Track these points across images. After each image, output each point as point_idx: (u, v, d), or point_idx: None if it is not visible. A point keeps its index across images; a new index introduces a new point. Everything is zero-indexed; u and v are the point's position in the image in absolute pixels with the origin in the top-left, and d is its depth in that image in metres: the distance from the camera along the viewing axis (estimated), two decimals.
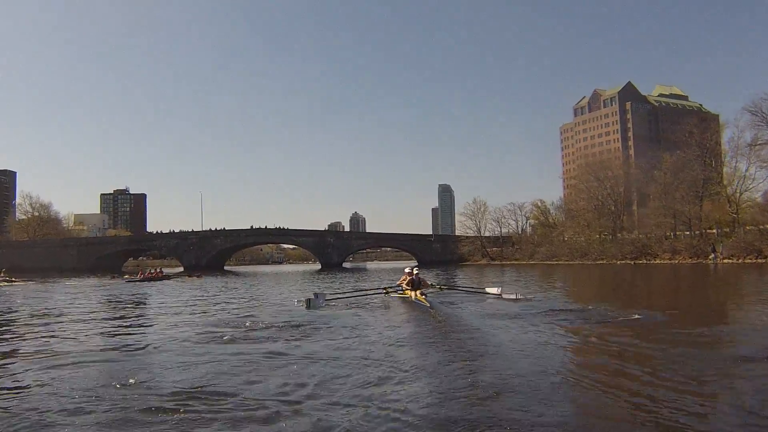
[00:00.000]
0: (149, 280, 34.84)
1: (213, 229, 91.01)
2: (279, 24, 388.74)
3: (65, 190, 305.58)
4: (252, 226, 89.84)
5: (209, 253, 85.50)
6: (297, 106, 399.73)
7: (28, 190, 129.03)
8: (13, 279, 35.27)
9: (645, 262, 54.36)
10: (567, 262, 62.22)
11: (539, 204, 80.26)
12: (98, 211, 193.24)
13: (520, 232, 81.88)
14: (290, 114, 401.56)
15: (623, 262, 56.11)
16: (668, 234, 58.08)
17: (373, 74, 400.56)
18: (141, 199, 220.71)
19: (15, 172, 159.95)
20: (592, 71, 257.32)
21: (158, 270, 40.00)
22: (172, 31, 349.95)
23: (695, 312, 14.17)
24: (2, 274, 35.99)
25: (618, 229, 66.06)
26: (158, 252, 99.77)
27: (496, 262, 72.96)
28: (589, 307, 12.95)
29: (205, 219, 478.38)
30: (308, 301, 14.74)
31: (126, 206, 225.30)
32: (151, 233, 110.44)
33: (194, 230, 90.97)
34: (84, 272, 58.80)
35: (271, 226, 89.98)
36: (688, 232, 55.86)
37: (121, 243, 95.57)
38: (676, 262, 51.29)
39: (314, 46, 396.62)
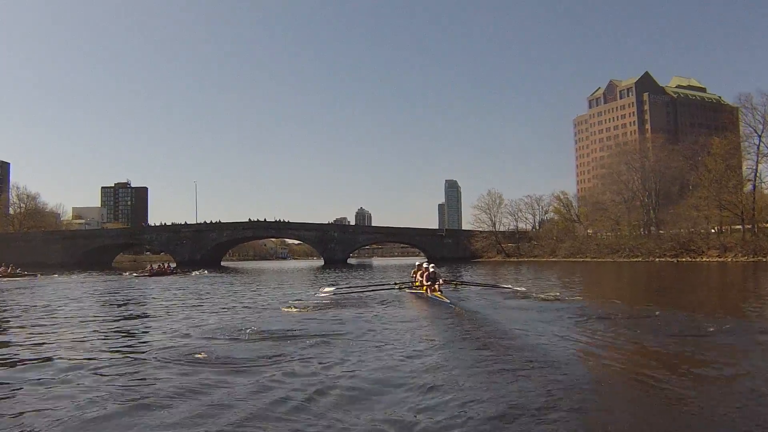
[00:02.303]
0: (158, 275, 34.43)
1: (208, 221, 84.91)
2: (284, 18, 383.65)
3: (67, 183, 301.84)
4: (250, 219, 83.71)
5: (204, 247, 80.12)
6: (302, 102, 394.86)
7: (27, 183, 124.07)
8: (25, 273, 35.91)
9: (689, 260, 48.37)
10: (595, 259, 56.96)
11: (561, 196, 73.99)
12: (99, 205, 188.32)
13: (537, 227, 76.04)
14: (295, 109, 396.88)
15: (662, 259, 50.20)
16: (713, 228, 51.69)
17: (379, 68, 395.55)
18: (143, 192, 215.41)
19: (9, 164, 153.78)
20: (605, 63, 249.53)
21: (166, 264, 39.91)
22: (173, 26, 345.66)
23: None
24: (12, 268, 35.65)
25: (652, 223, 59.68)
26: (149, 246, 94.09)
27: (512, 259, 68.06)
28: (656, 312, 11.24)
29: (207, 214, 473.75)
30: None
31: (127, 200, 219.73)
32: (141, 226, 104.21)
33: (187, 223, 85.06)
34: (69, 268, 53.80)
35: (272, 220, 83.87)
36: (739, 227, 49.40)
37: (109, 237, 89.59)
38: (728, 260, 45.08)
39: (320, 41, 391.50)
